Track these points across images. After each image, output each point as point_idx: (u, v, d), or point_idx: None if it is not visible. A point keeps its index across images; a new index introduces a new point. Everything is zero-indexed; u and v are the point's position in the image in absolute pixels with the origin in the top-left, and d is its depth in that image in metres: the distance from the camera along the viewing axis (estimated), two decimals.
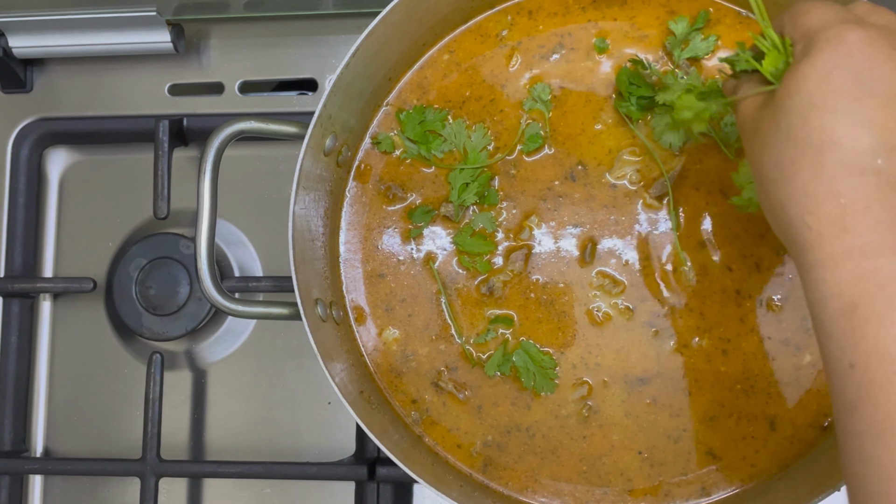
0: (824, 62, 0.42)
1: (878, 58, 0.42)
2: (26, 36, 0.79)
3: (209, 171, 0.61)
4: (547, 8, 0.69)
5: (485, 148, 0.68)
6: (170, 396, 0.78)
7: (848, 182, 0.41)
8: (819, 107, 0.42)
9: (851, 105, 0.41)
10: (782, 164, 0.43)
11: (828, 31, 0.43)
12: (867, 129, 0.41)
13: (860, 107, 0.41)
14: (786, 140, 0.43)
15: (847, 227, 0.40)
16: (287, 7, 0.80)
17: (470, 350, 0.67)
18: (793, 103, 0.43)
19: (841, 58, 0.42)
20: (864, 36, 0.42)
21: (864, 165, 0.41)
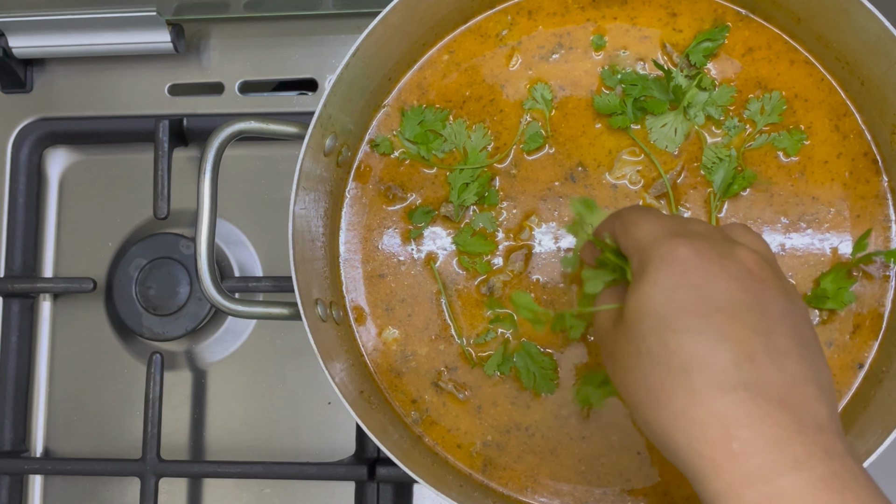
0: (664, 281, 0.43)
1: (711, 270, 0.43)
2: (26, 36, 0.79)
3: (209, 171, 0.61)
4: (546, 8, 0.69)
5: (485, 148, 0.68)
6: (170, 396, 0.78)
7: (723, 402, 0.41)
8: (672, 328, 0.42)
9: (702, 322, 0.42)
10: (652, 388, 0.43)
11: (659, 247, 0.44)
12: (724, 343, 0.41)
13: (710, 323, 0.42)
14: (649, 363, 0.43)
15: (737, 451, 0.40)
16: (287, 7, 0.80)
17: (469, 351, 0.67)
18: (646, 326, 0.43)
19: (678, 275, 0.43)
20: (693, 250, 0.43)
21: (733, 381, 0.41)
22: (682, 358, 0.42)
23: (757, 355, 0.42)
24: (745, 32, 0.68)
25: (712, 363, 0.41)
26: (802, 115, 0.67)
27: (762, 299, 0.43)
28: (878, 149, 0.66)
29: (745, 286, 0.43)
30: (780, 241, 0.66)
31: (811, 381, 0.42)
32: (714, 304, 0.42)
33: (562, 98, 0.68)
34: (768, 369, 0.41)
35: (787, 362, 0.42)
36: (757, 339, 0.42)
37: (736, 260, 0.44)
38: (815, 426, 0.41)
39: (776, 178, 0.67)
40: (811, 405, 0.42)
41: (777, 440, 0.40)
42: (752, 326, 0.42)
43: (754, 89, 0.67)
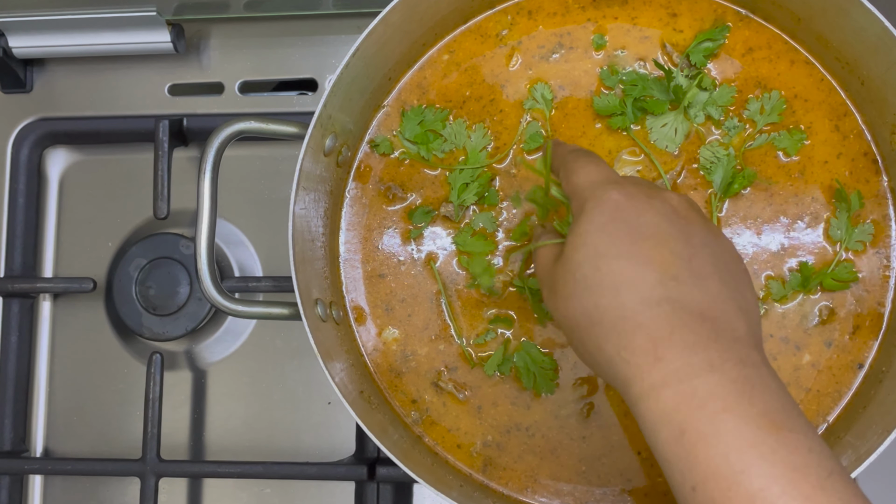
0: (599, 217, 0.48)
1: (640, 207, 0.48)
2: (26, 36, 0.79)
3: (209, 171, 0.61)
4: (547, 8, 0.69)
5: (484, 148, 0.68)
6: (170, 396, 0.78)
7: (649, 314, 0.45)
8: (605, 254, 0.47)
9: (631, 248, 0.47)
10: (587, 310, 0.47)
11: (595, 190, 0.50)
12: (650, 266, 0.46)
13: (639, 249, 0.47)
14: (584, 288, 0.47)
15: (660, 356, 0.44)
16: (287, 7, 0.80)
17: (469, 351, 0.67)
18: (582, 255, 0.48)
19: (612, 212, 0.48)
20: (625, 192, 0.49)
21: (657, 296, 0.45)
22: (612, 279, 0.46)
23: (680, 275, 0.46)
24: (746, 32, 0.68)
25: (639, 282, 0.46)
26: (802, 115, 0.67)
27: (686, 230, 0.48)
28: (878, 149, 0.66)
29: (670, 220, 0.48)
30: (780, 241, 0.66)
31: (730, 300, 0.47)
32: (641, 233, 0.47)
33: (562, 98, 0.68)
34: (690, 287, 0.46)
35: (708, 283, 0.47)
36: (680, 263, 0.47)
37: (663, 200, 0.50)
38: (732, 337, 0.45)
39: (776, 178, 0.67)
40: (729, 319, 0.46)
41: (694, 346, 0.44)
42: (675, 252, 0.47)
43: (754, 89, 0.67)
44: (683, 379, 0.43)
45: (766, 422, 0.42)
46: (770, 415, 0.43)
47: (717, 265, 0.48)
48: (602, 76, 0.68)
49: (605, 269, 0.47)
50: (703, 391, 0.43)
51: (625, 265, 0.46)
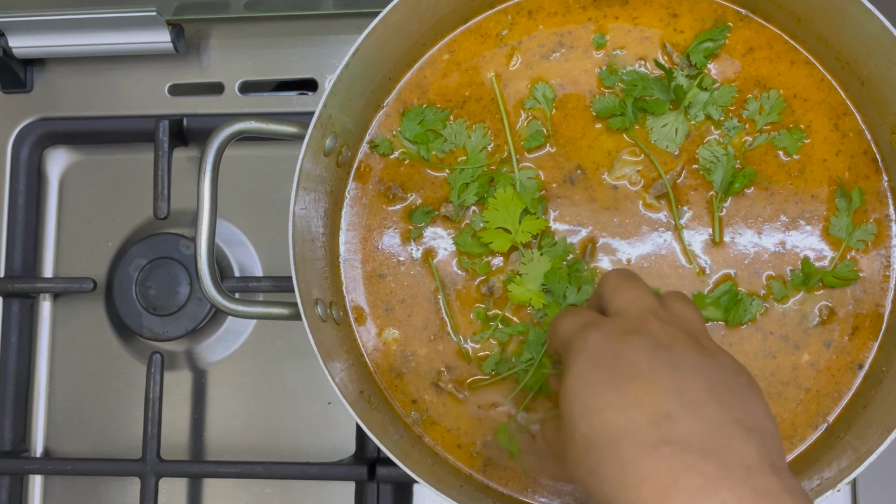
0: (580, 369, 0.47)
1: (619, 348, 0.47)
2: (26, 36, 0.79)
3: (209, 171, 0.61)
4: (547, 7, 0.69)
5: (484, 148, 0.68)
6: (170, 396, 0.78)
7: (648, 462, 0.43)
8: (593, 408, 0.45)
9: (617, 396, 0.45)
10: (594, 469, 0.45)
11: (573, 341, 0.48)
12: (639, 409, 0.44)
13: (624, 394, 0.45)
14: (585, 448, 0.45)
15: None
16: (287, 7, 0.80)
17: (466, 348, 0.67)
18: (574, 414, 0.46)
19: (590, 360, 0.47)
20: (601, 335, 0.47)
21: (654, 440, 0.43)
22: (606, 433, 0.44)
23: (672, 412, 0.44)
24: (746, 32, 0.68)
25: (632, 429, 0.44)
26: (801, 114, 0.67)
27: (671, 360, 0.46)
28: (878, 148, 0.66)
29: (651, 352, 0.46)
30: (781, 240, 0.66)
31: (735, 424, 0.44)
32: (624, 376, 0.45)
33: (562, 97, 0.68)
34: (686, 421, 0.44)
35: (705, 411, 0.44)
36: (670, 397, 0.44)
37: (642, 333, 0.47)
38: (743, 467, 0.42)
39: (776, 177, 0.67)
40: (735, 447, 0.43)
41: (703, 490, 0.41)
42: (663, 386, 0.45)
43: (753, 89, 0.67)
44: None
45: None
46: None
47: (713, 388, 0.45)
48: (601, 76, 0.68)
49: (597, 425, 0.45)
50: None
51: (614, 415, 0.44)
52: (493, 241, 0.66)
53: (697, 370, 0.46)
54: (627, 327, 0.48)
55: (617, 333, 0.48)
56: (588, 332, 0.48)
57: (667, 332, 0.48)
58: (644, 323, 0.48)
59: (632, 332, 0.48)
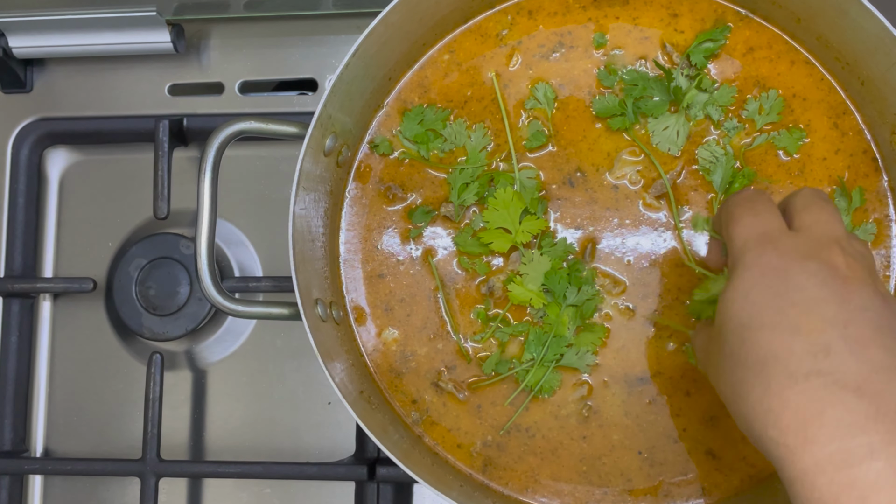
0: (742, 285, 0.46)
1: (790, 269, 0.45)
2: (26, 36, 0.79)
3: (209, 171, 0.61)
4: (547, 7, 0.69)
5: (484, 148, 0.68)
6: (170, 396, 0.78)
7: (796, 390, 0.42)
8: (749, 326, 0.44)
9: (776, 317, 0.44)
10: (735, 385, 0.45)
11: (746, 253, 0.47)
12: (797, 336, 0.43)
13: (784, 317, 0.44)
14: (732, 363, 0.45)
15: (810, 438, 0.41)
16: (287, 7, 0.80)
17: (466, 347, 0.67)
18: (728, 328, 0.46)
19: (759, 277, 0.45)
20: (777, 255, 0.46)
21: (805, 370, 0.42)
22: (758, 353, 0.43)
23: (832, 345, 0.42)
24: (746, 32, 0.68)
25: (786, 355, 0.42)
26: (801, 113, 0.67)
27: (843, 292, 0.44)
28: (878, 148, 0.66)
29: (824, 282, 0.44)
30: None
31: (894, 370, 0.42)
32: (789, 300, 0.44)
33: (563, 97, 0.68)
34: (844, 358, 0.42)
35: (868, 351, 0.42)
36: (833, 330, 0.43)
37: (820, 260, 0.45)
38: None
39: (776, 177, 0.67)
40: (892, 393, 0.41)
41: (851, 427, 0.40)
42: (827, 319, 0.43)
43: (752, 89, 0.67)
44: (841, 466, 0.40)
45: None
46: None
47: (881, 329, 0.43)
48: (600, 76, 0.68)
49: (749, 342, 0.44)
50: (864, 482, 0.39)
51: (770, 337, 0.43)
52: (494, 242, 0.66)
53: (869, 308, 0.44)
54: (808, 250, 0.46)
55: (795, 254, 0.45)
56: (765, 249, 0.46)
57: (847, 264, 0.45)
58: (826, 249, 0.46)
59: (811, 256, 0.46)
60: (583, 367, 0.66)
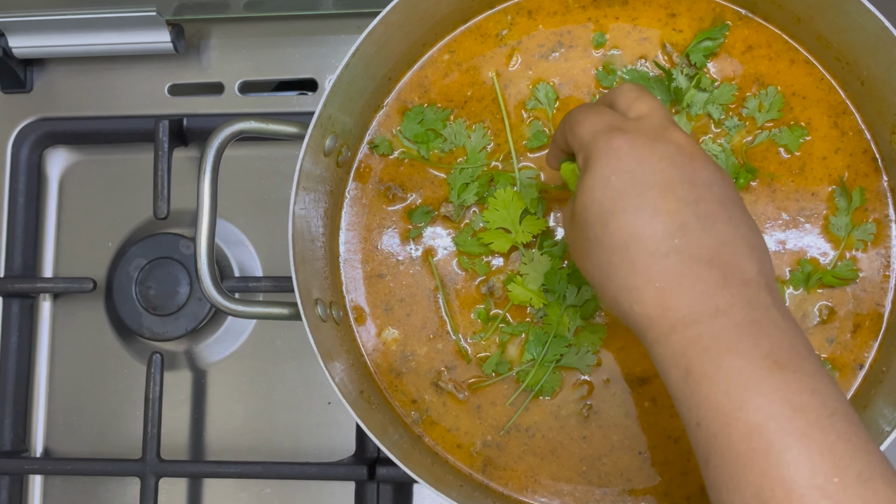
0: (601, 171, 0.48)
1: (643, 153, 0.47)
2: (26, 36, 0.79)
3: (209, 171, 0.61)
4: (547, 7, 0.69)
5: (484, 148, 0.68)
6: (170, 396, 0.78)
7: (658, 268, 0.46)
8: (611, 211, 0.47)
9: (636, 201, 0.46)
10: (602, 267, 0.48)
11: (597, 142, 0.48)
12: (657, 217, 0.46)
13: (644, 200, 0.46)
14: (597, 247, 0.48)
15: (668, 306, 0.45)
16: (287, 7, 0.80)
17: (465, 347, 0.67)
18: (590, 214, 0.48)
19: (613, 163, 0.47)
20: (627, 139, 0.48)
21: (665, 248, 0.46)
22: (621, 236, 0.46)
23: (687, 223, 0.46)
24: (745, 31, 0.68)
25: (647, 236, 0.46)
26: (800, 111, 0.67)
27: (690, 171, 0.47)
28: (878, 148, 0.66)
29: (675, 162, 0.47)
30: (780, 238, 0.66)
31: (740, 240, 0.47)
32: (646, 182, 0.47)
33: (563, 97, 0.68)
34: (698, 234, 0.46)
35: (716, 226, 0.46)
36: (687, 209, 0.46)
37: (666, 140, 0.48)
38: (741, 280, 0.46)
39: (777, 174, 0.67)
40: (738, 262, 0.46)
41: (702, 294, 0.45)
42: (681, 198, 0.46)
43: (752, 86, 0.67)
44: (690, 325, 0.45)
45: (769, 362, 0.43)
46: (774, 355, 0.43)
47: (725, 204, 0.47)
48: (598, 77, 0.68)
49: (613, 227, 0.47)
50: (708, 335, 0.44)
51: (631, 220, 0.46)
52: (494, 242, 0.66)
53: (713, 184, 0.47)
54: (654, 134, 0.48)
55: (644, 137, 0.48)
56: (614, 135, 0.48)
57: (688, 142, 0.48)
58: (668, 131, 0.49)
59: (658, 138, 0.48)
60: (583, 368, 0.66)
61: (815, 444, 0.41)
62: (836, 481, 0.41)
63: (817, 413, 0.42)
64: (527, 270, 0.66)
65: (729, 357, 0.44)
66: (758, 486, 0.42)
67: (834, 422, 0.42)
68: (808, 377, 0.43)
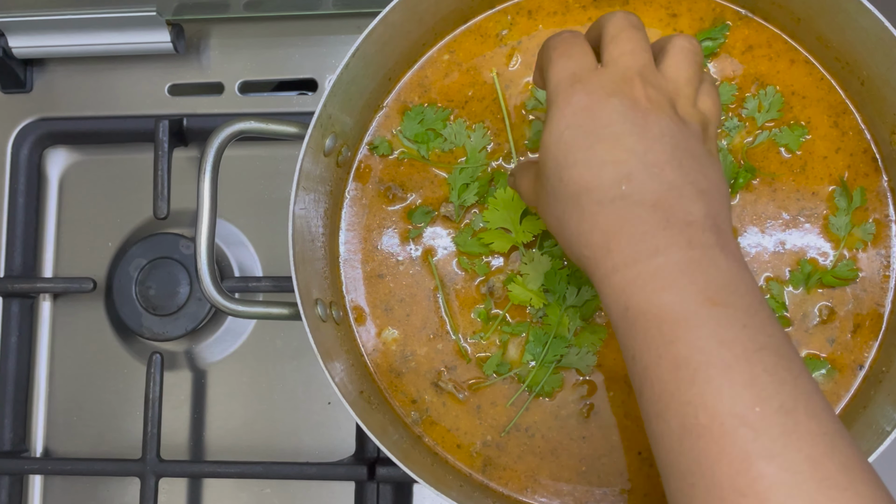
0: (556, 125, 0.50)
1: (595, 109, 0.49)
2: (26, 36, 0.79)
3: (209, 171, 0.61)
4: (547, 7, 0.69)
5: (484, 148, 0.68)
6: (170, 396, 0.78)
7: (603, 213, 0.48)
8: (564, 164, 0.49)
9: (587, 154, 0.48)
10: (558, 217, 0.51)
11: (558, 94, 0.50)
12: (605, 168, 0.48)
13: (594, 153, 0.48)
14: (554, 198, 0.50)
15: (611, 248, 0.48)
16: (287, 7, 0.80)
17: (465, 347, 0.67)
18: (548, 168, 0.50)
19: (568, 118, 0.49)
20: (583, 95, 0.49)
21: (612, 196, 0.48)
22: (573, 188, 0.49)
23: (633, 172, 0.48)
24: (745, 31, 0.68)
25: (595, 186, 0.48)
26: (800, 111, 0.67)
27: (641, 124, 0.49)
28: (878, 148, 0.66)
29: (625, 116, 0.49)
30: (780, 239, 0.66)
31: (688, 185, 0.48)
32: (597, 136, 0.48)
33: None
34: (643, 181, 0.47)
35: (663, 172, 0.48)
36: (634, 159, 0.48)
37: (622, 95, 0.49)
38: (684, 222, 0.47)
39: (779, 174, 0.67)
40: (683, 205, 0.47)
41: (643, 235, 0.47)
42: (629, 148, 0.48)
43: (752, 87, 0.67)
44: (630, 265, 0.47)
45: (701, 298, 0.45)
46: (708, 292, 0.45)
47: (676, 153, 0.49)
48: None
49: (566, 179, 0.49)
50: (645, 274, 0.46)
51: (582, 172, 0.48)
52: (494, 242, 0.66)
53: (666, 135, 0.49)
54: (613, 87, 0.50)
55: (601, 92, 0.49)
56: (574, 90, 0.50)
57: (647, 97, 0.49)
58: (628, 84, 0.50)
59: (615, 92, 0.49)
60: (583, 368, 0.66)
61: (738, 375, 0.43)
62: (758, 410, 0.43)
63: (744, 346, 0.44)
64: (527, 270, 0.66)
65: (664, 294, 0.46)
66: (683, 414, 0.44)
67: (762, 356, 0.44)
68: (740, 312, 0.45)
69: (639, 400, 0.48)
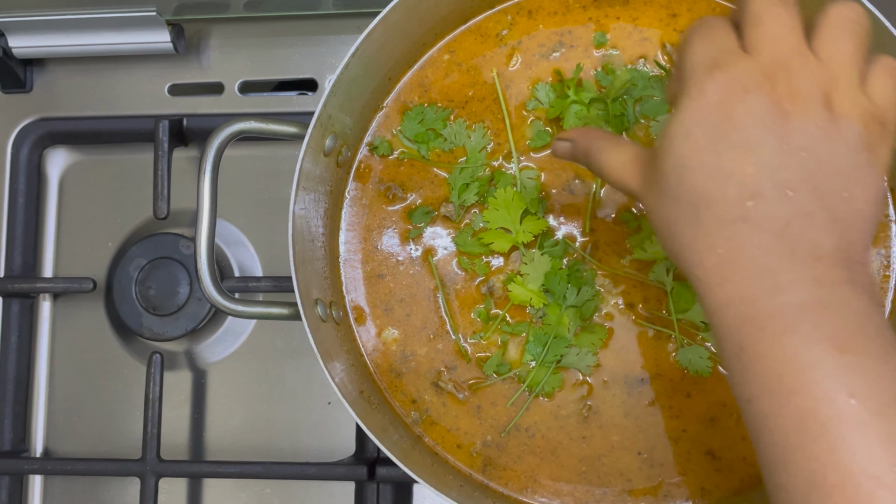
0: (686, 119, 0.44)
1: (731, 106, 0.43)
2: (26, 36, 0.79)
3: (209, 171, 0.61)
4: (547, 7, 0.69)
5: (484, 148, 0.68)
6: (170, 396, 0.78)
7: (723, 234, 0.44)
8: (688, 166, 0.44)
9: (714, 160, 0.44)
10: (670, 222, 0.46)
11: (691, 80, 0.45)
12: (731, 181, 0.43)
13: (721, 160, 0.43)
14: (669, 200, 0.46)
15: (726, 277, 0.44)
16: (287, 7, 0.80)
17: (465, 347, 0.67)
18: (667, 164, 0.45)
19: (699, 113, 0.44)
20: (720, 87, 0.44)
21: (734, 215, 0.43)
22: (693, 195, 0.44)
23: (762, 190, 0.43)
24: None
25: (717, 199, 0.44)
26: None
27: (779, 133, 0.43)
28: None
29: (762, 121, 0.43)
30: None
31: (822, 212, 0.43)
32: (728, 142, 0.43)
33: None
34: (772, 202, 0.43)
35: (796, 196, 0.43)
36: (765, 175, 0.43)
37: (763, 92, 0.43)
38: (812, 256, 0.43)
39: None
40: (812, 236, 0.43)
41: (763, 268, 0.43)
42: (762, 162, 0.43)
43: None
44: (746, 301, 0.43)
45: (828, 346, 0.41)
46: (836, 338, 0.41)
47: (815, 170, 0.43)
48: (597, 77, 0.68)
49: (687, 184, 0.44)
50: (765, 314, 0.42)
51: (705, 181, 0.44)
52: (494, 242, 0.66)
53: (807, 147, 0.43)
54: (751, 81, 0.43)
55: (737, 88, 0.43)
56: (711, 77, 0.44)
57: (791, 94, 0.43)
58: (769, 78, 0.44)
59: (752, 88, 0.43)
60: (583, 368, 0.66)
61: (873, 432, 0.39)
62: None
63: (878, 400, 0.40)
64: (527, 270, 0.66)
65: (784, 339, 0.42)
66: (810, 470, 0.40)
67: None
68: (872, 360, 0.41)
69: (754, 444, 0.44)
